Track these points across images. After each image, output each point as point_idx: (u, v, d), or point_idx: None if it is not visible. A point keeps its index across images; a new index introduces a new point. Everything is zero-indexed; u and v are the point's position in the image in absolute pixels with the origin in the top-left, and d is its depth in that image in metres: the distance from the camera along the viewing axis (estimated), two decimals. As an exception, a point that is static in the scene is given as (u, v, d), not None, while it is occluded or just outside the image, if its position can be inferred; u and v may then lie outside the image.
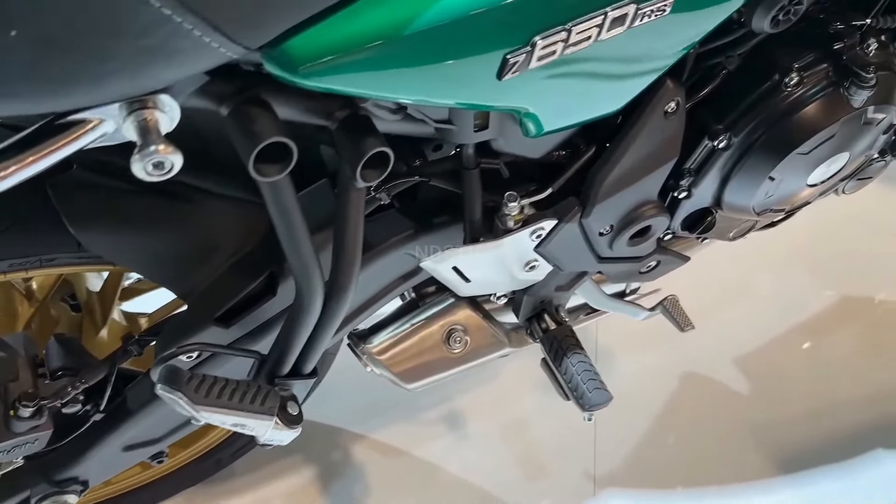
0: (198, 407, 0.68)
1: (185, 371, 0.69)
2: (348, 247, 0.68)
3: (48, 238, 0.73)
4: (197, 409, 0.68)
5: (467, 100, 0.64)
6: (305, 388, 0.82)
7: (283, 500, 1.40)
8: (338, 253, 0.68)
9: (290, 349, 0.75)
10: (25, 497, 0.94)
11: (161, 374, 0.69)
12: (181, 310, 0.95)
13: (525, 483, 1.39)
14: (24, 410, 0.81)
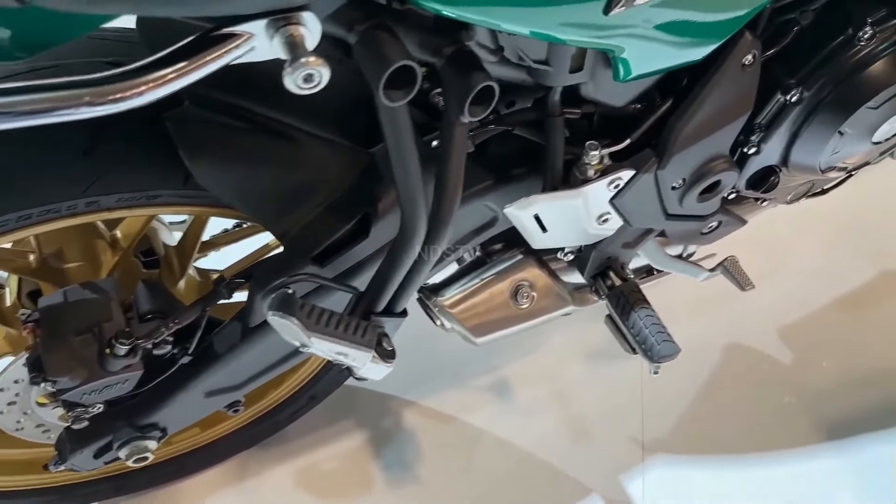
0: (309, 333, 0.71)
1: (297, 299, 0.71)
2: (451, 181, 0.70)
3: (154, 174, 0.76)
4: (308, 334, 0.71)
5: (573, 34, 0.67)
6: (395, 328, 0.84)
7: (335, 462, 1.42)
8: (440, 187, 0.70)
9: (388, 285, 0.77)
10: (108, 442, 0.96)
11: (274, 302, 0.72)
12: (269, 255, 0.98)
13: (574, 448, 1.41)
14: (120, 348, 0.83)
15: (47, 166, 0.71)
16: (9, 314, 0.98)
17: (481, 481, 1.38)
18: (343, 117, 0.82)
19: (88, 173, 0.72)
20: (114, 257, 0.97)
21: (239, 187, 0.76)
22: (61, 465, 0.98)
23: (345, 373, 1.31)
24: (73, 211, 0.75)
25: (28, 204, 0.71)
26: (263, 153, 0.76)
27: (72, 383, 0.84)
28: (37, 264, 0.94)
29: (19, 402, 0.97)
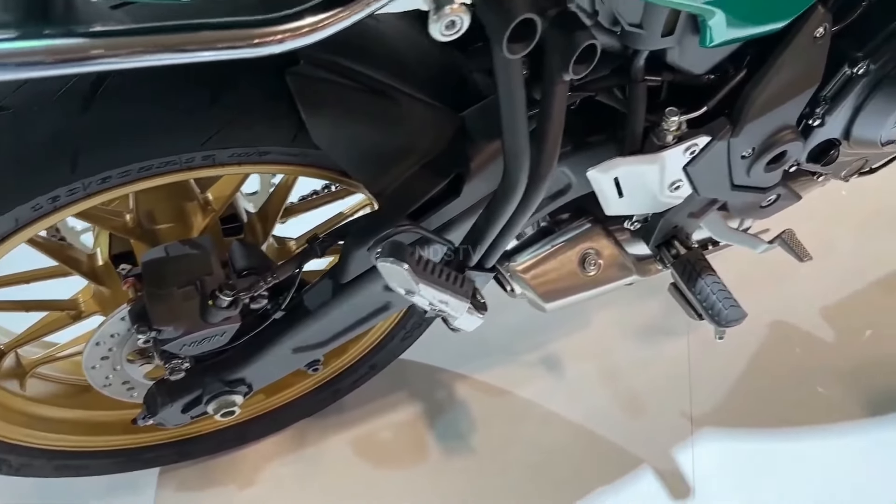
0: (417, 279, 0.75)
1: (408, 246, 0.76)
2: (551, 137, 0.74)
3: (267, 131, 0.80)
4: (417, 280, 0.75)
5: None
6: (484, 283, 0.88)
7: (391, 432, 1.46)
8: (540, 142, 0.74)
9: (482, 240, 0.81)
10: (197, 396, 1.00)
11: (386, 248, 0.76)
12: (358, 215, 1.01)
13: (624, 422, 1.45)
14: (223, 300, 0.87)
15: (171, 118, 0.75)
16: (101, 273, 1.02)
17: (533, 452, 1.42)
18: (437, 82, 0.86)
19: (209, 126, 0.76)
20: (204, 220, 1.01)
21: (347, 145, 0.80)
22: (150, 420, 1.02)
23: (404, 343, 1.36)
24: (190, 164, 0.79)
25: (151, 154, 0.76)
26: (371, 113, 0.80)
27: (175, 333, 0.88)
28: (132, 223, 0.98)
29: (111, 358, 1.01)
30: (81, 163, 0.73)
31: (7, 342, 1.08)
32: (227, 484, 1.40)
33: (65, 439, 1.16)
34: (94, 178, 0.74)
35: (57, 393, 1.17)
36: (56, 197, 0.75)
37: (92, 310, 1.05)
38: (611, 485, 1.39)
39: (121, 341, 0.99)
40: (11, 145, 0.71)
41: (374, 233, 0.86)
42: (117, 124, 0.73)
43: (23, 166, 0.72)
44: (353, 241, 0.87)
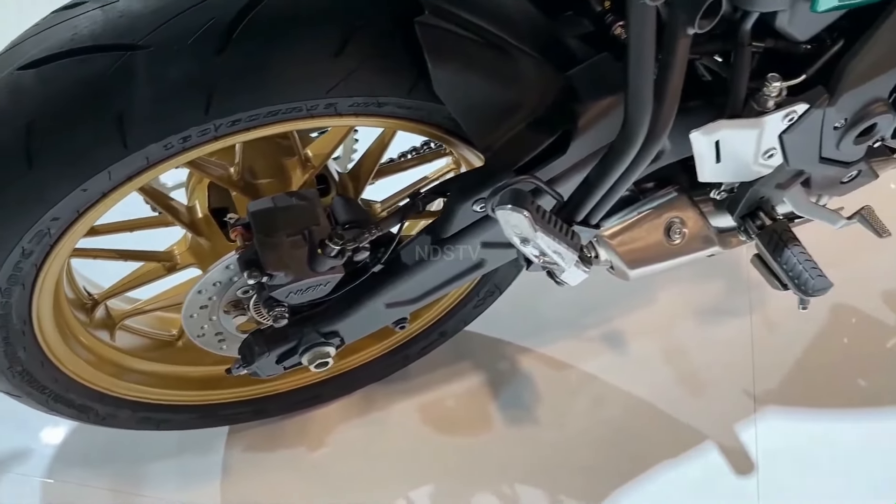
0: (536, 226, 0.77)
1: (529, 194, 0.77)
2: (671, 91, 0.76)
3: (388, 82, 0.82)
4: (535, 228, 0.77)
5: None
6: (588, 239, 0.89)
7: (454, 400, 1.48)
8: (660, 96, 0.76)
9: (592, 194, 0.83)
10: (292, 346, 1.03)
11: (506, 196, 0.78)
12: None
13: (686, 399, 1.46)
14: (332, 248, 0.90)
15: (299, 64, 0.77)
16: (201, 224, 1.05)
17: (596, 426, 1.43)
18: (542, 42, 0.87)
19: (335, 74, 0.78)
20: (302, 176, 1.03)
21: (465, 97, 0.82)
22: (244, 369, 1.04)
23: (476, 310, 1.38)
24: (312, 112, 0.82)
25: (280, 99, 0.78)
26: (489, 66, 0.82)
27: (285, 279, 0.90)
28: (236, 176, 1.01)
29: (210, 307, 1.04)
30: (215, 104, 0.75)
31: (100, 292, 1.12)
32: (295, 446, 1.43)
33: (149, 391, 1.19)
34: (225, 119, 0.77)
35: (143, 346, 1.20)
36: (187, 137, 0.77)
37: (187, 262, 1.08)
38: (674, 459, 1.40)
39: (221, 290, 1.02)
40: (148, 84, 0.73)
41: (481, 187, 0.88)
42: (251, 67, 0.76)
43: (158, 105, 0.74)
44: (458, 195, 0.89)
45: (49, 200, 0.77)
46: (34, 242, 0.81)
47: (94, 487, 1.38)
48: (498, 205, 0.78)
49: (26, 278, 0.86)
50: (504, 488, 1.39)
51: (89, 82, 0.73)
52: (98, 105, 0.73)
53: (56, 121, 0.74)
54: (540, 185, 0.81)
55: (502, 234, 0.95)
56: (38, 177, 0.75)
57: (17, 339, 0.94)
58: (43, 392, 1.05)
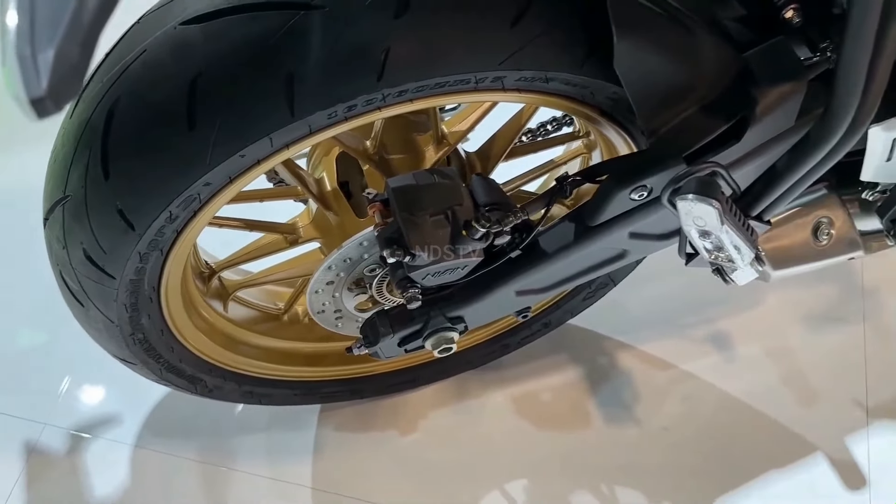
0: (724, 219, 0.71)
1: (718, 184, 0.72)
2: (878, 78, 0.69)
3: (558, 55, 0.77)
4: (723, 221, 0.71)
5: None
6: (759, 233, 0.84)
7: (551, 394, 1.44)
8: (867, 82, 0.70)
9: (775, 187, 0.77)
10: (416, 330, 0.99)
11: (694, 184, 0.72)
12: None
13: (795, 406, 1.40)
14: (477, 230, 0.85)
15: (476, 35, 0.73)
16: (329, 198, 1.01)
17: (699, 430, 1.38)
18: (722, 22, 0.82)
19: (509, 45, 0.74)
20: (436, 153, 0.99)
21: (644, 74, 0.77)
22: (365, 350, 1.01)
23: (585, 302, 1.33)
24: (479, 86, 0.77)
25: (452, 70, 0.73)
26: (672, 43, 0.76)
27: (426, 260, 0.86)
28: (372, 149, 0.97)
29: (335, 284, 1.01)
30: (388, 71, 0.71)
31: (217, 262, 1.09)
32: (387, 428, 1.40)
33: (255, 365, 1.17)
34: (394, 89, 0.73)
35: (251, 318, 1.17)
36: (353, 106, 0.73)
37: (310, 236, 1.04)
38: (781, 470, 1.34)
39: (350, 267, 0.98)
40: (322, 46, 0.69)
41: (642, 174, 0.82)
42: (427, 35, 0.71)
43: (332, 70, 0.70)
44: (614, 181, 0.84)
45: (206, 165, 0.73)
46: (182, 207, 0.78)
47: (182, 457, 1.37)
48: (682, 193, 0.73)
49: (165, 244, 0.83)
50: (601, 488, 1.35)
51: (260, 41, 0.69)
52: (268, 66, 0.69)
53: (222, 81, 0.70)
54: (723, 175, 0.75)
55: (655, 225, 0.90)
56: (198, 139, 0.72)
57: (145, 305, 0.92)
58: (158, 361, 1.03)
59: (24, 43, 0.34)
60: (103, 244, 0.80)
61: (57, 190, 0.80)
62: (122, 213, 0.77)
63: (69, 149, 0.77)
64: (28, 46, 0.34)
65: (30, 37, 0.34)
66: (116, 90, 0.73)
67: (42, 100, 0.35)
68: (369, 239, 0.94)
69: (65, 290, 0.90)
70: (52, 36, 0.35)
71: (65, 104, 0.37)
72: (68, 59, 0.35)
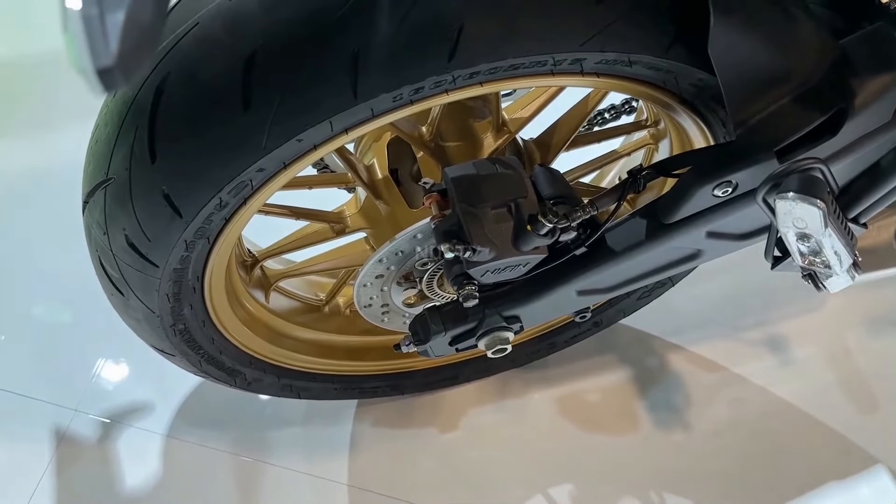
0: (828, 222, 0.65)
1: (825, 183, 0.66)
2: None
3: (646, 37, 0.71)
4: (827, 223, 0.65)
5: None
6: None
7: (599, 395, 1.38)
8: None
9: (878, 187, 0.71)
10: (469, 328, 0.94)
11: (797, 182, 0.66)
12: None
13: (855, 414, 1.33)
14: (543, 225, 0.79)
15: (557, 10, 0.66)
16: (379, 186, 0.95)
17: (752, 438, 1.31)
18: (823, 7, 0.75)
19: (594, 24, 0.67)
20: (496, 141, 0.93)
21: (738, 60, 0.70)
22: (414, 347, 0.96)
23: (639, 302, 1.27)
24: (556, 68, 0.71)
25: (529, 50, 0.67)
26: (770, 28, 0.70)
27: (487, 256, 0.81)
28: (429, 136, 0.91)
29: (385, 277, 0.95)
30: (461, 50, 0.65)
31: (261, 251, 1.04)
32: (426, 426, 1.35)
33: (294, 357, 1.12)
34: (466, 70, 0.67)
35: (293, 309, 1.13)
36: (420, 88, 0.67)
37: (357, 226, 0.99)
38: (841, 482, 1.28)
39: (401, 260, 0.93)
40: (392, 21, 0.63)
41: (726, 169, 0.76)
42: (506, 9, 0.65)
43: (399, 48, 0.64)
44: (695, 175, 0.78)
45: (261, 149, 0.68)
46: (233, 194, 0.73)
47: (216, 449, 1.33)
48: (781, 191, 0.66)
49: (212, 232, 0.78)
50: (646, 493, 1.29)
51: (323, 15, 0.63)
52: (331, 43, 0.63)
53: (280, 58, 0.64)
54: (824, 172, 0.69)
55: (736, 223, 0.83)
56: (253, 121, 0.66)
57: (188, 295, 0.87)
58: (198, 352, 0.98)
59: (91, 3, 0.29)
60: (147, 231, 0.75)
61: (99, 172, 0.75)
62: (168, 198, 0.72)
63: (113, 128, 0.72)
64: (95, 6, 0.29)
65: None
66: (166, 66, 0.67)
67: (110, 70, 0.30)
68: (424, 231, 0.89)
69: (103, 278, 0.85)
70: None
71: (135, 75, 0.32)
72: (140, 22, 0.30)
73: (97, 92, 0.31)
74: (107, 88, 0.31)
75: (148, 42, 0.31)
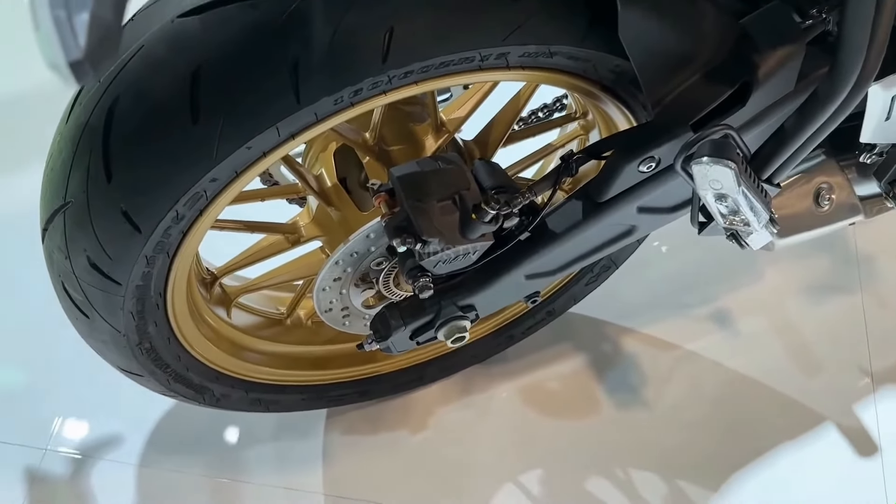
0: (741, 180, 0.71)
1: (733, 145, 0.72)
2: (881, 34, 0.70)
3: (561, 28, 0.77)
4: (740, 181, 0.71)
5: None
6: (769, 199, 0.84)
7: (559, 383, 1.43)
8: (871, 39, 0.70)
9: (784, 148, 0.77)
10: (428, 321, 0.98)
11: (708, 147, 0.72)
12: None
13: (801, 378, 1.40)
14: (487, 213, 0.84)
15: (477, 10, 0.72)
16: (330, 194, 1.00)
17: (708, 408, 1.38)
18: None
19: (512, 20, 0.73)
20: (436, 142, 0.98)
21: (648, 43, 0.76)
22: (377, 344, 0.99)
23: (588, 287, 1.33)
24: (483, 64, 0.76)
25: (457, 47, 0.73)
26: (675, 10, 0.76)
27: (438, 247, 0.85)
28: (372, 141, 0.96)
29: (343, 280, 0.99)
30: (393, 51, 0.70)
31: (221, 266, 1.07)
32: (396, 429, 1.39)
33: (262, 371, 1.15)
34: (400, 70, 0.72)
35: (255, 324, 1.15)
36: (359, 90, 0.72)
37: (312, 234, 1.03)
38: (794, 441, 1.34)
39: (357, 261, 0.97)
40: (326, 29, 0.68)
41: (649, 145, 0.82)
42: (430, 13, 0.70)
43: (336, 53, 0.69)
44: (622, 154, 0.84)
45: (213, 159, 0.72)
46: (188, 206, 0.76)
47: (190, 474, 1.34)
48: (696, 157, 0.73)
49: (171, 246, 0.82)
50: (615, 472, 1.34)
51: (262, 28, 0.68)
52: (272, 54, 0.68)
53: (225, 71, 0.69)
54: (734, 137, 0.75)
55: (664, 197, 0.90)
56: (203, 132, 0.70)
57: (151, 312, 0.90)
58: (165, 371, 1.00)
59: (59, 6, 0.33)
60: (108, 249, 0.78)
61: (56, 198, 0.78)
62: (126, 214, 0.75)
63: (68, 154, 0.75)
64: (62, 9, 0.33)
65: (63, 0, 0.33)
66: (115, 89, 0.71)
67: (81, 62, 0.34)
68: (376, 230, 0.93)
69: (66, 302, 0.87)
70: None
71: (103, 68, 0.36)
72: (103, 21, 0.34)
73: (70, 84, 0.35)
74: (78, 80, 0.35)
75: (111, 37, 0.35)
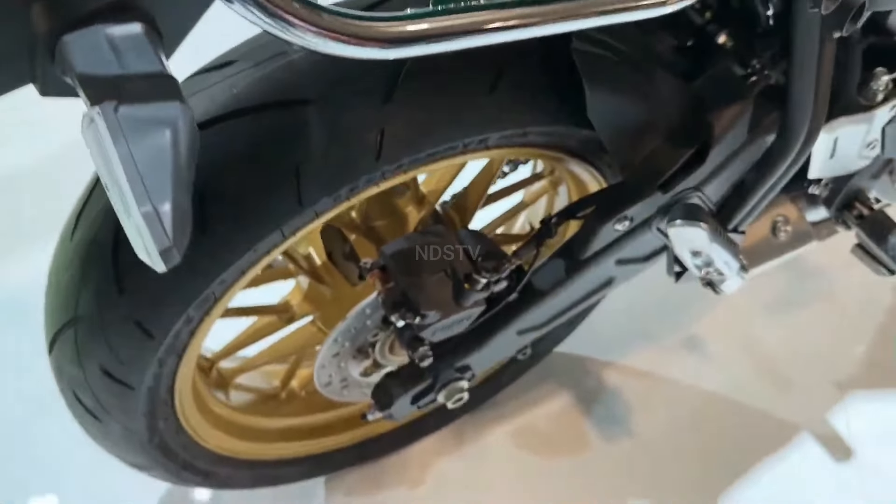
0: (713, 238, 0.77)
1: (704, 206, 0.78)
2: (822, 94, 0.78)
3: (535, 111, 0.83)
4: (712, 240, 0.77)
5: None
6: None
7: (547, 422, 1.48)
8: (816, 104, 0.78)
9: (746, 201, 0.84)
10: (427, 385, 1.02)
11: (679, 211, 0.78)
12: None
13: (773, 393, 1.48)
14: (479, 282, 0.89)
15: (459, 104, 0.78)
16: (321, 272, 1.03)
17: (692, 430, 1.44)
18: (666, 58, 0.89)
19: (489, 112, 0.79)
20: (419, 213, 1.03)
21: (613, 119, 0.83)
22: (380, 414, 1.03)
23: (567, 329, 1.38)
24: (466, 149, 0.82)
25: (442, 140, 0.78)
26: (634, 86, 0.83)
27: (435, 318, 0.90)
28: (359, 219, 1.00)
29: (341, 354, 1.03)
30: (385, 150, 0.75)
31: (217, 351, 1.09)
32: (396, 486, 1.41)
33: (265, 448, 1.17)
34: (392, 165, 0.77)
35: (254, 402, 1.18)
36: (355, 186, 0.77)
37: (304, 312, 1.06)
38: (775, 454, 1.42)
39: (354, 336, 1.01)
40: (324, 136, 0.73)
41: (622, 205, 0.89)
42: (416, 114, 0.76)
43: (334, 157, 0.74)
44: (599, 215, 0.90)
45: (221, 265, 0.76)
46: (199, 308, 0.80)
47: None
48: (669, 221, 0.79)
49: (181, 346, 0.85)
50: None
51: (265, 141, 0.72)
52: (275, 163, 0.72)
53: (230, 183, 0.73)
54: (702, 198, 0.82)
55: (638, 248, 0.96)
56: (212, 241, 0.74)
57: (161, 410, 0.92)
58: (175, 461, 1.02)
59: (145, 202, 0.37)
60: (122, 357, 0.80)
61: (64, 313, 0.80)
62: (139, 324, 0.78)
63: (75, 271, 0.78)
64: (148, 203, 0.37)
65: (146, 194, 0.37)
66: (121, 207, 0.74)
67: (170, 249, 0.38)
68: (372, 306, 0.97)
69: (78, 409, 0.89)
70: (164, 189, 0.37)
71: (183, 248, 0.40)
72: (181, 206, 0.38)
73: (160, 268, 0.39)
74: (167, 264, 0.39)
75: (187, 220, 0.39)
